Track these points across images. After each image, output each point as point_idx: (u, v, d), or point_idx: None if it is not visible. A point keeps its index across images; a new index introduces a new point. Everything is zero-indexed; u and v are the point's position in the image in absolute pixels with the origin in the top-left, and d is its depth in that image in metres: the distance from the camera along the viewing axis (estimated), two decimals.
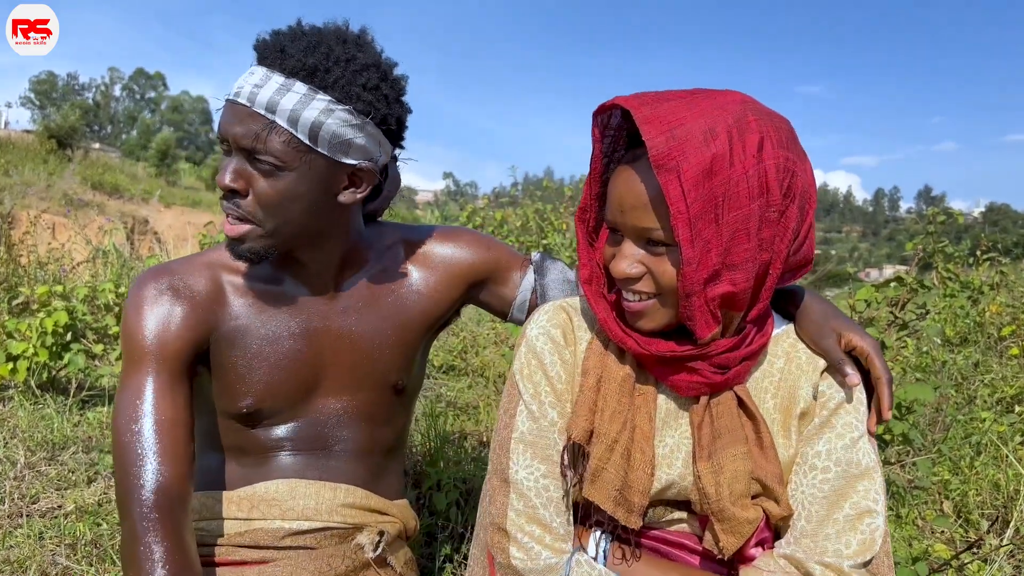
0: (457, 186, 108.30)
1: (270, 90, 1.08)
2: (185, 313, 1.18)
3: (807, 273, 1.08)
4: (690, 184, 0.90)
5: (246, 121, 1.09)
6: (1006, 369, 3.68)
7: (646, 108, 0.94)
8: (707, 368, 1.01)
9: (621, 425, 1.04)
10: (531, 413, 1.08)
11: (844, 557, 0.96)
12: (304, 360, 1.26)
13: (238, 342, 1.23)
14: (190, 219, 16.25)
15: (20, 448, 2.36)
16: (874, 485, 1.00)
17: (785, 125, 0.97)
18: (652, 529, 1.10)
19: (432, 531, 1.99)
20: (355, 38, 1.15)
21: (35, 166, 17.03)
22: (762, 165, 0.92)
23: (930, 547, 2.00)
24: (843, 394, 1.05)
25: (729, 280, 0.95)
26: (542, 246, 7.79)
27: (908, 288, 2.43)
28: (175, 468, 1.10)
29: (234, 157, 1.12)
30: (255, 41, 1.14)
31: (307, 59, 1.09)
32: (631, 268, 0.99)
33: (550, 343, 1.11)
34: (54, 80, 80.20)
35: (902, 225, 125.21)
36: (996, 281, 5.16)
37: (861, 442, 1.02)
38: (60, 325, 2.89)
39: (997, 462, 2.55)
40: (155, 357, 1.15)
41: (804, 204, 0.98)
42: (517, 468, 1.05)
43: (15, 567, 1.73)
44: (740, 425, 1.04)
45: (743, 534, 1.01)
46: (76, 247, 4.98)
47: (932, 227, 4.76)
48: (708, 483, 1.01)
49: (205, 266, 1.24)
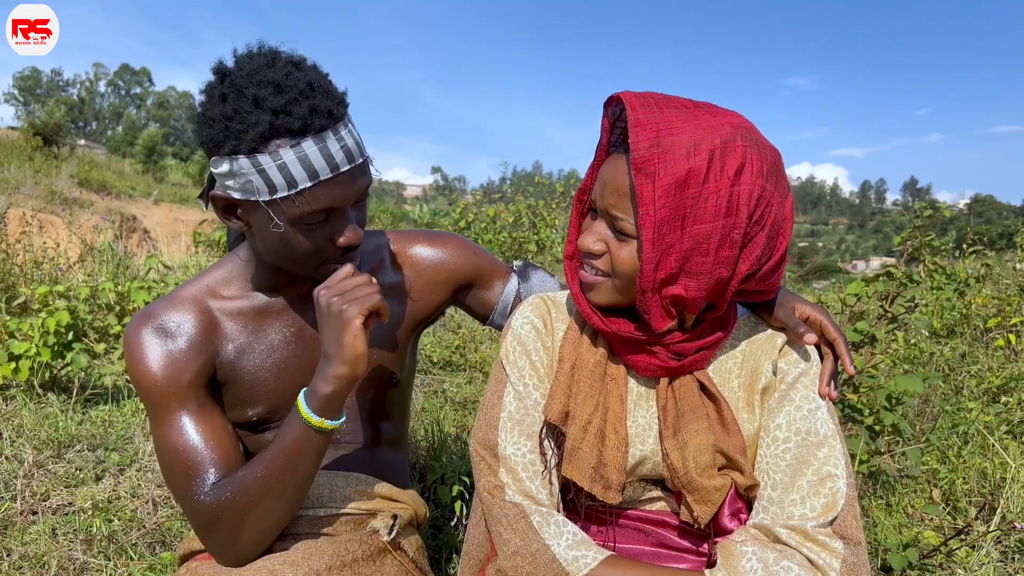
0: (445, 180, 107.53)
1: (351, 138, 1.13)
2: (184, 349, 1.22)
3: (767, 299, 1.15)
4: (662, 191, 0.97)
5: (359, 176, 1.16)
6: (992, 360, 3.74)
7: (643, 111, 1.00)
8: (664, 353, 1.09)
9: (594, 407, 1.11)
10: (518, 393, 1.15)
11: (809, 519, 1.01)
12: (303, 363, 1.32)
13: (242, 360, 1.28)
14: (178, 216, 16.19)
15: (27, 447, 2.39)
16: (833, 452, 1.05)
17: (772, 156, 1.02)
18: (633, 509, 1.17)
19: (438, 523, 2.03)
20: (294, 60, 1.14)
21: (21, 163, 16.90)
22: (736, 188, 0.98)
23: (920, 534, 2.06)
24: (800, 368, 1.12)
25: (683, 285, 1.02)
26: (535, 241, 7.82)
27: (897, 282, 2.48)
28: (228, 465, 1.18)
29: (348, 214, 1.17)
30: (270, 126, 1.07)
31: (330, 100, 1.11)
32: (594, 244, 1.07)
33: (533, 331, 1.20)
34: (38, 76, 79.35)
35: (888, 217, 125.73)
36: (982, 273, 5.23)
37: (819, 412, 1.08)
38: (62, 325, 2.92)
39: (984, 451, 2.61)
40: (175, 396, 1.20)
41: (774, 235, 1.03)
42: (505, 444, 1.12)
43: (33, 563, 1.77)
44: (701, 404, 1.11)
45: (714, 502, 1.07)
46: (71, 246, 4.98)
47: (919, 220, 4.83)
48: (675, 459, 1.08)
49: (189, 300, 1.27)
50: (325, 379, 1.11)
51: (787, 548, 1.00)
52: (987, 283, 5.23)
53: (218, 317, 1.28)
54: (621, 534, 1.17)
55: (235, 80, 1.08)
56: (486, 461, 1.13)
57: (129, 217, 14.18)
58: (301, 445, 1.13)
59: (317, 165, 1.08)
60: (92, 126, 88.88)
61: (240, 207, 1.15)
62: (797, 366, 1.12)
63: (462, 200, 8.92)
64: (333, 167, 1.10)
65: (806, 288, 6.63)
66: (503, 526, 1.08)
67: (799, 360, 1.12)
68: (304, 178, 1.08)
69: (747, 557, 1.00)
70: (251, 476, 1.13)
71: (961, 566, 1.92)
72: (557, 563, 1.02)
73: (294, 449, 1.13)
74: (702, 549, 1.15)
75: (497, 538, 1.09)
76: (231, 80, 1.09)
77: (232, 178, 1.10)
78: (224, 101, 1.08)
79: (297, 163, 1.07)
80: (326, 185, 1.10)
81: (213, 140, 1.09)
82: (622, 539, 1.17)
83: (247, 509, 1.13)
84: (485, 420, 1.17)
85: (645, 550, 1.16)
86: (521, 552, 1.05)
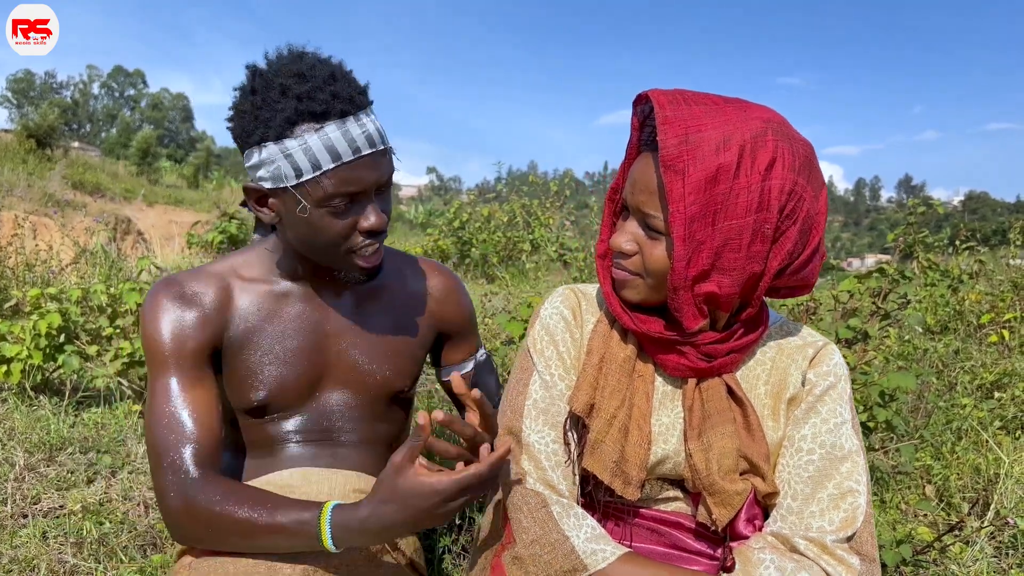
0: (441, 181, 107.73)
1: (373, 125, 1.18)
2: (196, 317, 1.26)
3: (804, 294, 1.14)
4: (692, 188, 0.97)
5: (381, 162, 1.19)
6: (985, 356, 3.74)
7: (671, 108, 0.99)
8: (694, 353, 1.09)
9: (620, 402, 1.11)
10: (544, 383, 1.15)
11: (827, 532, 1.01)
12: (310, 356, 1.33)
13: (249, 341, 1.30)
14: (173, 217, 16.14)
15: (18, 450, 2.38)
16: (856, 468, 1.05)
17: (804, 150, 1.02)
18: (649, 508, 1.17)
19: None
20: (318, 55, 1.21)
21: (14, 166, 16.84)
22: (767, 183, 0.97)
23: (913, 530, 2.06)
24: (829, 381, 1.11)
25: (716, 282, 1.02)
26: (529, 241, 7.82)
27: (890, 279, 2.49)
28: (209, 445, 1.18)
29: (371, 200, 1.20)
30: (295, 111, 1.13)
31: (353, 88, 1.17)
32: (626, 244, 1.08)
33: (562, 322, 1.20)
34: (31, 78, 79.10)
35: (883, 214, 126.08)
36: (975, 270, 5.24)
37: (844, 427, 1.08)
38: (53, 327, 2.90)
39: (977, 447, 2.61)
40: (175, 359, 1.22)
41: (807, 229, 1.03)
42: (529, 432, 1.12)
43: (23, 566, 1.76)
44: (728, 407, 1.10)
45: (734, 506, 1.07)
46: (64, 248, 4.96)
47: (913, 217, 4.83)
48: (699, 460, 1.08)
49: (213, 275, 1.31)
50: (370, 529, 1.06)
51: (804, 559, 1.00)
52: (981, 279, 5.23)
53: (236, 295, 1.31)
54: (636, 533, 1.17)
55: (264, 74, 1.16)
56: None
57: (123, 219, 14.13)
58: (292, 537, 1.09)
59: (340, 148, 1.13)
60: (86, 128, 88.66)
61: (271, 196, 1.21)
62: (826, 379, 1.11)
63: (457, 200, 8.92)
64: (355, 150, 1.14)
65: None
66: (523, 514, 1.08)
67: (829, 372, 1.12)
68: (328, 160, 1.13)
69: (765, 564, 1.00)
70: (231, 508, 1.11)
71: (955, 562, 1.92)
72: (576, 555, 1.02)
73: (285, 532, 1.09)
74: (716, 553, 1.14)
75: (516, 525, 1.09)
76: (260, 74, 1.17)
77: (262, 167, 1.16)
78: (254, 94, 1.16)
79: (320, 145, 1.13)
80: (349, 167, 1.15)
81: (244, 131, 1.17)
82: (636, 538, 1.17)
83: (208, 527, 1.12)
84: (509, 407, 1.17)
85: (659, 551, 1.15)
86: (540, 541, 1.05)
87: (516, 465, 1.12)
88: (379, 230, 1.21)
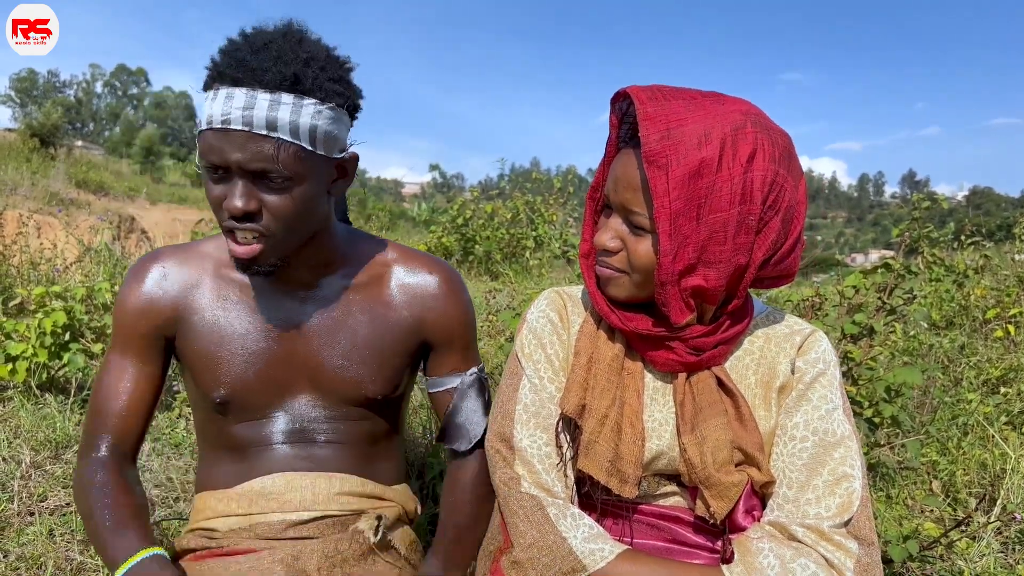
0: (444, 178, 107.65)
1: (262, 109, 1.07)
2: (158, 297, 1.28)
3: (787, 284, 1.14)
4: (675, 182, 0.97)
5: (248, 145, 1.08)
6: (991, 351, 3.74)
7: (651, 104, 1.00)
8: (682, 348, 1.10)
9: (611, 401, 1.11)
10: (534, 386, 1.15)
11: (824, 519, 1.01)
12: (276, 357, 1.28)
13: (205, 333, 1.28)
14: (177, 216, 16.16)
15: (24, 448, 2.39)
16: (850, 452, 1.05)
17: (783, 141, 1.02)
18: (647, 504, 1.17)
19: (436, 519, 2.03)
20: (302, 35, 1.15)
21: (18, 165, 16.86)
22: (749, 175, 0.98)
23: (920, 525, 2.06)
24: (818, 368, 1.11)
25: (702, 275, 1.03)
26: (532, 238, 7.81)
27: (895, 274, 2.48)
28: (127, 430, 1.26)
29: (238, 181, 1.11)
30: (212, 64, 1.11)
31: (283, 69, 1.08)
32: (610, 242, 1.08)
33: (549, 324, 1.20)
34: (34, 77, 79.29)
35: (887, 210, 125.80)
36: (980, 265, 5.23)
37: (836, 413, 1.08)
38: (58, 325, 2.90)
39: (984, 442, 2.61)
40: (123, 336, 1.28)
41: (789, 219, 1.04)
42: (521, 437, 1.12)
43: (30, 563, 1.76)
44: (719, 400, 1.10)
45: (731, 498, 1.07)
46: (68, 247, 4.96)
47: (917, 213, 4.82)
48: (693, 454, 1.08)
49: (197, 256, 1.31)
50: None
51: (803, 546, 1.00)
52: (986, 274, 5.22)
53: (206, 284, 1.30)
54: (635, 530, 1.17)
55: (242, 31, 1.15)
56: (501, 453, 1.13)
57: (127, 217, 14.15)
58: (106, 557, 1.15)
59: (213, 112, 1.09)
60: (89, 127, 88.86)
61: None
62: (815, 366, 1.11)
63: (460, 197, 8.91)
64: (224, 121, 1.08)
65: (805, 282, 6.63)
66: (519, 518, 1.08)
67: (818, 359, 1.12)
68: (203, 121, 1.11)
69: (764, 553, 1.00)
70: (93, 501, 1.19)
71: (961, 557, 1.92)
72: (574, 556, 1.02)
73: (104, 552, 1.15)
74: (716, 546, 1.14)
75: (513, 530, 1.09)
76: (241, 31, 1.16)
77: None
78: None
79: (208, 104, 1.10)
80: (213, 134, 1.09)
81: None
82: (636, 535, 1.17)
83: (77, 500, 1.23)
84: (500, 412, 1.17)
85: (659, 546, 1.15)
86: (538, 544, 1.05)
87: (509, 470, 1.11)
88: (236, 215, 1.12)
